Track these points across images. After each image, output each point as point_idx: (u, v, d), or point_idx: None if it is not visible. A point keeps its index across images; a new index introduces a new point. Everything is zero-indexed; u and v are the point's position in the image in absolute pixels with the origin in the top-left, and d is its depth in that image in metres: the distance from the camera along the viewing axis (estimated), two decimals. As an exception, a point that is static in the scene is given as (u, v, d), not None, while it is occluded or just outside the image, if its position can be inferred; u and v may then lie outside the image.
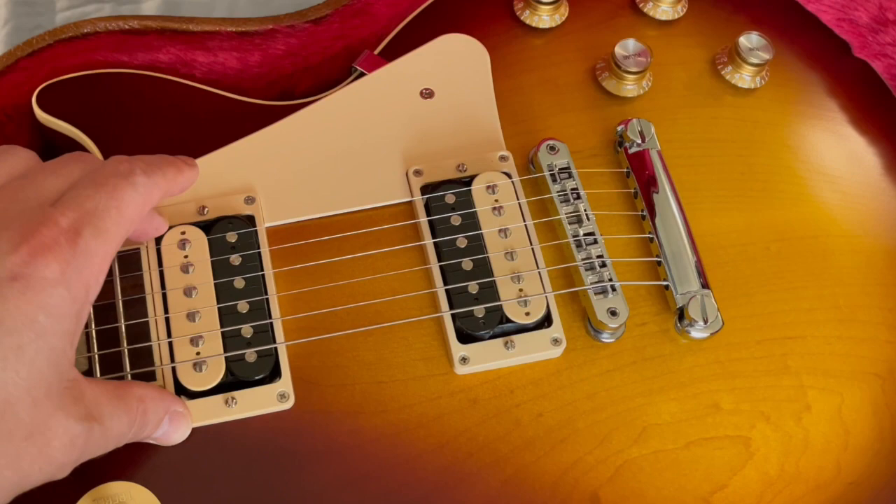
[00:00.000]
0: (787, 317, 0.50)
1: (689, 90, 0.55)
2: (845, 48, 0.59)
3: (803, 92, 0.57)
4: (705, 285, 0.48)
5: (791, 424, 0.47)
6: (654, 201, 0.50)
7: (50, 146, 0.51)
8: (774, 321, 0.49)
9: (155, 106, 0.52)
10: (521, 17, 0.56)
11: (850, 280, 0.51)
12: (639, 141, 0.51)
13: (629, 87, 0.54)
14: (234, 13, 0.64)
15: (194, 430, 0.44)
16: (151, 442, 0.42)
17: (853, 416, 0.48)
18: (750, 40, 0.55)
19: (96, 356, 0.44)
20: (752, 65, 0.55)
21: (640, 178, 0.51)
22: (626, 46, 0.54)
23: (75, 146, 0.50)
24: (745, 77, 0.55)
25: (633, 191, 0.51)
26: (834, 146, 0.56)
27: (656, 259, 0.49)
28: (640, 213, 0.51)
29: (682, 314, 0.48)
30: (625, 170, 0.52)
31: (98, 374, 0.44)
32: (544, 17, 0.56)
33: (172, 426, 0.42)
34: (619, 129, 0.52)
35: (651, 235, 0.50)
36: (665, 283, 0.49)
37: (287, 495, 0.43)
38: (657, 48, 0.55)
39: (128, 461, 0.43)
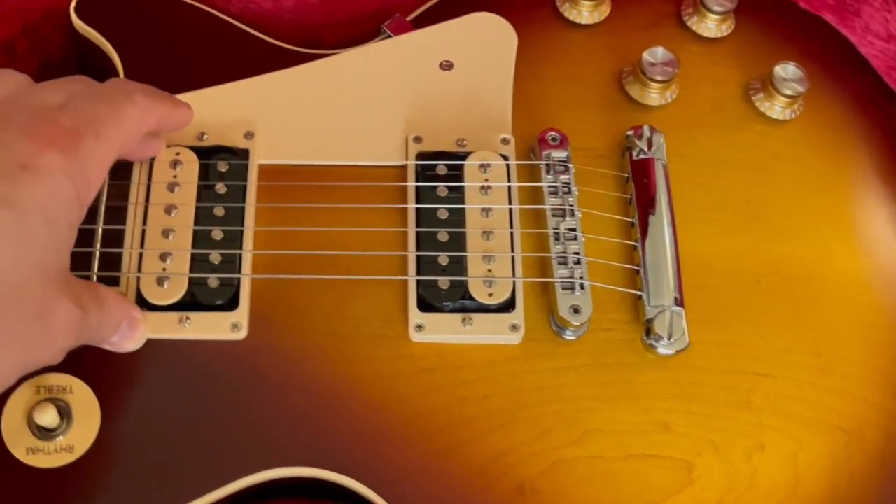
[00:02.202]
0: (761, 352, 0.48)
1: (715, 110, 0.54)
2: (892, 97, 0.57)
3: (836, 133, 0.55)
4: (679, 303, 0.47)
5: (740, 460, 0.46)
6: (647, 211, 0.49)
7: (82, 52, 0.54)
8: (746, 354, 0.48)
9: (185, 32, 0.53)
10: (561, 10, 0.56)
11: (838, 330, 0.49)
12: (645, 148, 0.50)
13: (652, 95, 0.53)
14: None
15: (145, 342, 0.45)
16: (107, 347, 0.44)
17: (808, 465, 0.47)
18: (786, 71, 0.54)
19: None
20: (784, 95, 0.53)
21: (637, 185, 0.50)
22: (655, 54, 0.53)
23: (104, 57, 0.52)
24: (775, 107, 0.54)
25: (628, 197, 0.50)
26: (855, 194, 0.54)
27: (636, 268, 0.48)
28: (631, 219, 0.50)
29: (649, 327, 0.47)
30: (626, 175, 0.51)
31: (66, 270, 0.45)
32: (584, 13, 0.56)
33: (129, 332, 0.43)
34: (629, 133, 0.51)
35: (636, 244, 0.49)
36: (638, 292, 0.48)
37: (224, 420, 0.44)
38: (692, 63, 0.55)
39: (74, 358, 0.44)
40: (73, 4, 0.52)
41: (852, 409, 0.48)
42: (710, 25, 0.56)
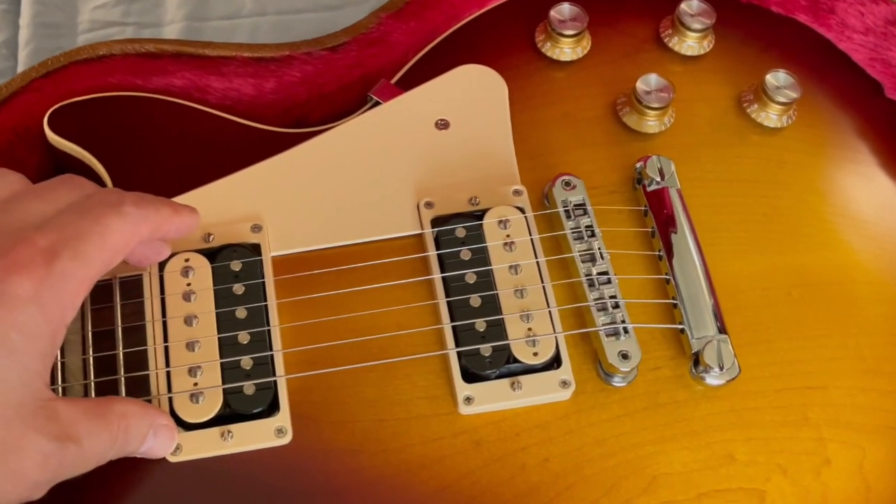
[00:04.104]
0: (808, 366, 0.48)
1: (713, 128, 0.54)
2: (877, 88, 0.57)
3: (832, 133, 0.55)
4: (722, 330, 0.46)
5: (809, 478, 0.45)
6: (672, 241, 0.48)
7: (61, 168, 0.51)
8: (794, 370, 0.47)
9: (167, 131, 0.51)
10: (543, 50, 0.55)
11: (877, 330, 0.49)
12: (658, 179, 0.50)
13: (650, 122, 0.53)
14: (255, 40, 0.63)
15: (188, 463, 0.42)
16: (138, 456, 0.41)
17: (875, 471, 0.46)
18: (777, 78, 0.53)
19: (93, 383, 0.43)
20: (778, 103, 0.53)
21: (657, 217, 0.49)
22: (648, 81, 0.52)
23: (86, 169, 0.50)
24: (771, 116, 0.54)
25: (650, 230, 0.50)
26: (863, 190, 0.54)
27: (672, 301, 0.48)
28: (656, 253, 0.49)
29: (697, 360, 0.46)
30: (643, 208, 0.50)
31: (93, 402, 0.43)
32: (566, 50, 0.55)
33: (158, 440, 0.41)
34: (638, 166, 0.51)
35: (667, 277, 0.48)
36: (680, 326, 0.47)
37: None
38: (681, 84, 0.54)
39: (119, 491, 0.42)
40: (45, 119, 0.50)
41: (905, 407, 0.48)
42: (692, 44, 0.56)
